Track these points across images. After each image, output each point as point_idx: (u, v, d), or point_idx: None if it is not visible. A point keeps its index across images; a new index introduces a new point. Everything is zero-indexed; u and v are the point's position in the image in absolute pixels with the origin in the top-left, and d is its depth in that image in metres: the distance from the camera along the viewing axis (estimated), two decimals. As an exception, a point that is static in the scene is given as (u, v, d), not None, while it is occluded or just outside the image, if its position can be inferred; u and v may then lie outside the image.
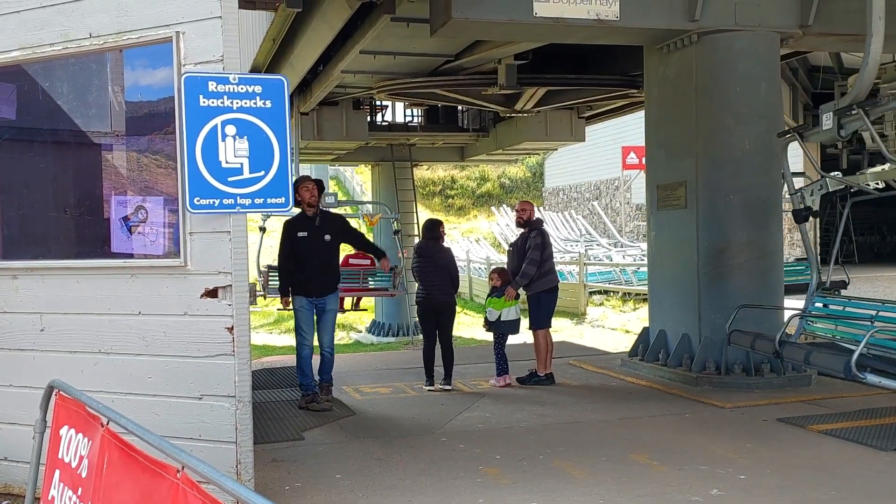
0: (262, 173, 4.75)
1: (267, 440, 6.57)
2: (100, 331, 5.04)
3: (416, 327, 18.81)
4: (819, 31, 8.79)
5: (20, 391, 5.14)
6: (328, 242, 7.79)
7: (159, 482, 2.72)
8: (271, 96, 4.78)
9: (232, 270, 4.72)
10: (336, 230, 7.93)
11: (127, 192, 5.26)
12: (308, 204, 7.74)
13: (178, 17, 4.76)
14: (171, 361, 4.87)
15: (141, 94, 5.27)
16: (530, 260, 8.72)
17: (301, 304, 7.75)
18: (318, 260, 7.72)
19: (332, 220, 8.13)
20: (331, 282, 7.87)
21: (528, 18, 7.94)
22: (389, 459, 6.04)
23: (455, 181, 43.45)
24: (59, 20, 5.05)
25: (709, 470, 5.59)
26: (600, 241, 30.32)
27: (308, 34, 11.65)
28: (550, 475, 5.59)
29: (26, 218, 5.59)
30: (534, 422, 7.20)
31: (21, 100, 5.54)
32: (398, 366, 10.71)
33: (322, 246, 7.74)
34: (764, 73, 8.73)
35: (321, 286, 7.77)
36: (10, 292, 5.27)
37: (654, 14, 8.41)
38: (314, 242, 7.71)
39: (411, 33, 10.54)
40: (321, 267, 7.75)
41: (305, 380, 7.81)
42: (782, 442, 6.32)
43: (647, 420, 7.12)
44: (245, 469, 4.76)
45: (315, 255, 7.71)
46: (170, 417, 4.82)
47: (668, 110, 9.23)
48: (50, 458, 3.68)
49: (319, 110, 16.69)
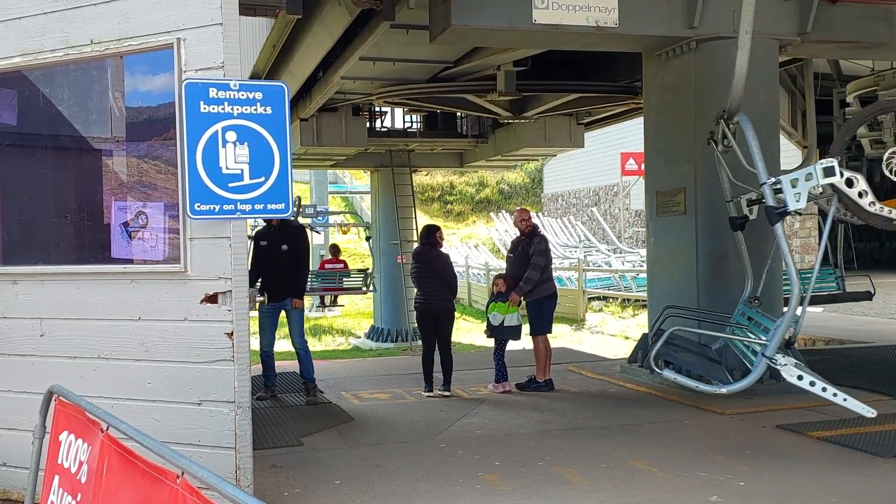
0: (263, 179, 4.76)
1: (266, 446, 6.57)
2: (100, 336, 5.04)
3: (415, 333, 18.80)
4: (818, 38, 8.81)
5: (19, 396, 5.14)
6: (286, 252, 8.39)
7: (159, 488, 2.72)
8: (272, 102, 4.80)
9: (232, 276, 4.73)
10: (293, 242, 8.50)
11: (127, 198, 5.27)
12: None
13: (179, 23, 4.77)
14: (170, 367, 4.87)
15: (141, 99, 5.28)
16: (534, 265, 8.75)
17: (260, 308, 8.53)
18: (279, 266, 8.38)
19: (290, 231, 8.66)
20: (288, 287, 8.43)
21: (527, 25, 7.96)
22: (388, 465, 6.03)
23: (454, 187, 43.48)
24: (60, 26, 5.06)
25: (708, 476, 5.59)
26: (599, 247, 30.31)
27: (308, 41, 11.67)
28: (550, 481, 5.59)
29: (27, 223, 5.59)
30: (533, 428, 7.20)
31: (22, 106, 5.55)
32: (397, 372, 10.70)
33: (281, 254, 8.37)
34: (762, 80, 8.74)
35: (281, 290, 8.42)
36: (11, 297, 5.28)
37: (652, 21, 8.43)
38: (273, 251, 8.40)
39: (411, 40, 10.56)
40: (282, 273, 8.39)
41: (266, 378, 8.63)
42: (782, 448, 6.32)
43: (646, 426, 7.12)
44: (244, 475, 4.76)
45: (277, 262, 8.39)
46: (169, 423, 4.82)
47: (668, 117, 9.25)
48: (49, 463, 3.68)
49: (319, 116, 16.70)
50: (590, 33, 8.25)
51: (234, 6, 4.75)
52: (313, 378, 8.45)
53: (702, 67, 8.68)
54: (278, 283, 8.41)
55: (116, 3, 4.92)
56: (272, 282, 8.42)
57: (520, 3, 7.87)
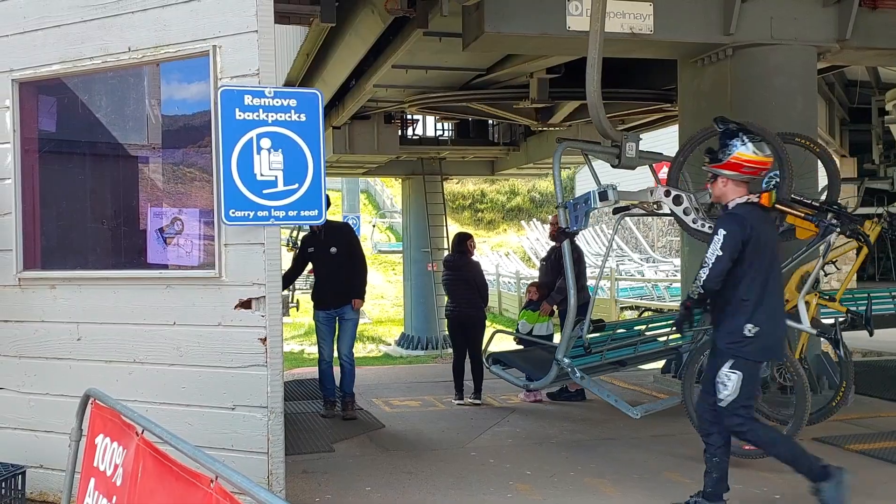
0: (296, 186, 4.78)
1: (297, 451, 6.58)
2: (135, 340, 5.09)
3: (446, 340, 18.79)
4: (857, 45, 8.67)
5: (57, 399, 5.20)
6: (334, 255, 7.97)
7: (193, 491, 2.73)
8: (306, 110, 4.82)
9: (266, 282, 4.74)
10: (342, 243, 8.10)
11: (163, 204, 5.32)
12: None
13: (215, 31, 4.82)
14: (204, 371, 4.90)
15: (177, 107, 5.34)
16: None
17: (318, 317, 8.11)
18: (330, 271, 7.99)
19: (337, 231, 8.29)
20: (343, 292, 7.99)
21: (561, 32, 7.93)
22: (419, 473, 6.02)
23: (485, 195, 43.43)
24: (99, 34, 5.13)
25: (743, 489, 5.49)
26: (632, 255, 30.11)
27: (341, 49, 11.74)
28: (582, 492, 5.54)
29: (65, 228, 5.68)
30: (564, 438, 7.15)
31: (61, 112, 5.65)
32: (427, 379, 10.69)
33: (331, 258, 7.96)
34: (801, 87, 8.63)
35: (334, 297, 7.97)
36: (49, 301, 5.35)
37: (688, 28, 8.35)
38: (322, 256, 8.01)
39: (443, 47, 10.58)
40: (334, 279, 7.97)
41: (326, 392, 8.19)
42: (819, 461, 6.19)
43: (679, 438, 7.02)
44: (276, 480, 4.77)
45: (327, 267, 8.01)
46: (203, 427, 4.85)
47: (703, 125, 9.09)
48: (85, 466, 3.71)
49: (351, 124, 16.81)
50: (624, 40, 8.20)
51: (269, 14, 4.78)
52: (353, 392, 8.11)
53: (738, 74, 8.58)
54: (332, 288, 7.97)
55: (154, 11, 4.98)
56: (325, 287, 8.03)
57: (553, 11, 7.85)
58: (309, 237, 8.29)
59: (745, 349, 4.83)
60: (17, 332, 5.43)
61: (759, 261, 4.83)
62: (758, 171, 4.98)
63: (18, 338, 5.42)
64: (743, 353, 4.84)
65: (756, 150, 4.89)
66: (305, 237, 8.46)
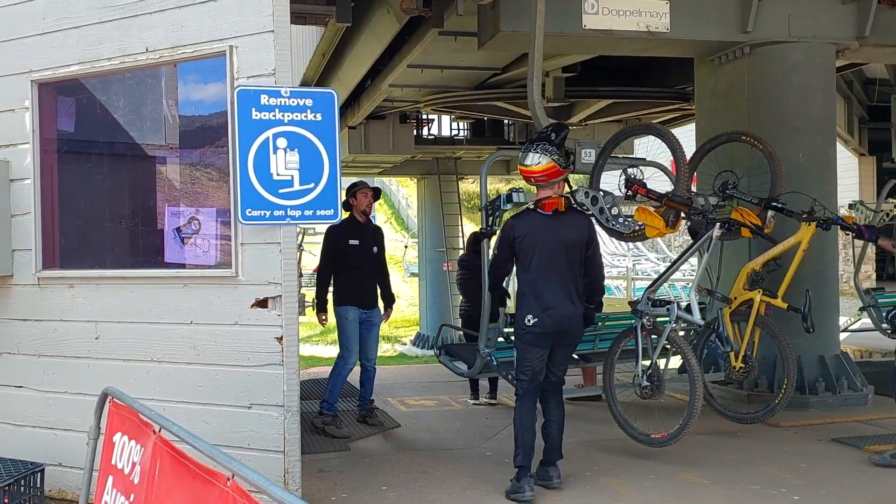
0: (312, 185, 4.80)
1: (313, 450, 6.60)
2: (152, 339, 5.12)
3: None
4: (876, 42, 8.60)
5: (75, 398, 5.24)
6: (376, 255, 7.64)
7: (210, 489, 2.74)
8: (322, 109, 4.83)
9: (282, 281, 4.76)
10: (381, 245, 7.77)
11: (180, 204, 5.35)
12: (363, 211, 7.53)
13: (231, 31, 4.84)
14: (221, 370, 4.93)
15: (194, 108, 5.37)
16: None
17: (350, 315, 7.34)
18: (370, 269, 7.53)
19: (378, 232, 7.91)
20: (376, 295, 7.65)
21: (577, 31, 7.91)
22: (435, 472, 6.02)
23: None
24: (116, 35, 5.17)
25: (760, 490, 5.46)
26: (648, 255, 29.95)
27: (357, 48, 11.78)
28: (598, 492, 5.52)
29: (83, 228, 5.71)
30: (580, 438, 7.12)
31: (80, 113, 5.69)
32: (443, 378, 10.65)
33: (372, 256, 7.55)
34: (820, 85, 8.56)
35: (372, 297, 7.54)
36: (67, 300, 5.39)
37: (705, 26, 8.31)
38: (366, 252, 7.47)
39: (459, 47, 10.59)
40: (372, 277, 7.57)
41: (331, 398, 7.34)
42: (837, 463, 6.15)
43: (697, 438, 6.98)
44: (293, 478, 4.78)
45: (368, 264, 7.49)
46: (219, 426, 4.87)
47: (720, 123, 9.07)
48: (103, 464, 3.74)
49: (367, 124, 16.86)
50: (641, 38, 8.16)
51: (285, 14, 4.80)
52: (372, 399, 7.80)
53: (755, 72, 8.52)
54: (371, 287, 7.51)
55: (171, 12, 5.01)
56: (364, 284, 7.42)
57: (570, 9, 7.82)
58: (348, 227, 7.28)
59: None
60: (36, 331, 5.48)
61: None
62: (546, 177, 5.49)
63: (37, 336, 5.47)
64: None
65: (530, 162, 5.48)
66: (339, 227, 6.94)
